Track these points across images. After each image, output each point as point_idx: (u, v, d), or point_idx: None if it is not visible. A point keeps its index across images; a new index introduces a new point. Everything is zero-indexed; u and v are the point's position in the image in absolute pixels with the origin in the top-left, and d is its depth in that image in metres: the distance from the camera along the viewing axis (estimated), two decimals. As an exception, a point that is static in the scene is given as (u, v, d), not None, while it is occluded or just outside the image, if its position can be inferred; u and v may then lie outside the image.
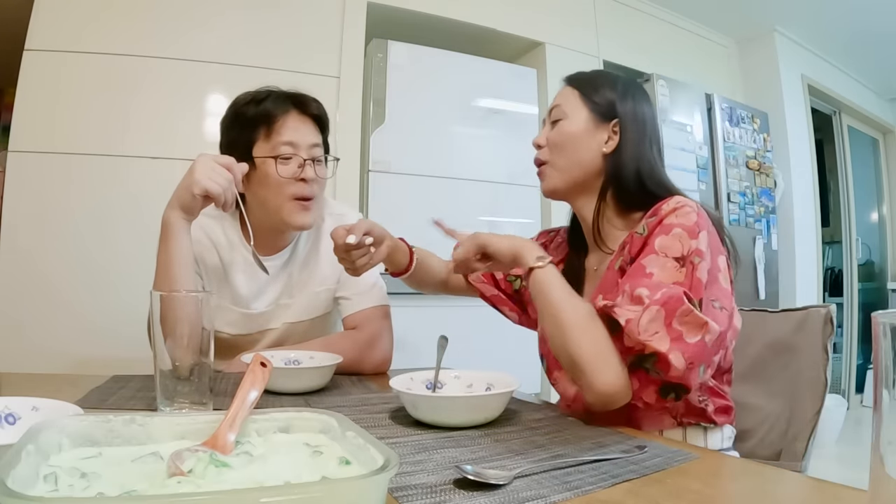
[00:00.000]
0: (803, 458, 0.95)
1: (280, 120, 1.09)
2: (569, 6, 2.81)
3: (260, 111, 1.09)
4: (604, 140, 0.94)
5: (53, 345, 1.72)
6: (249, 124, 1.10)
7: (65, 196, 1.80)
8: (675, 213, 0.82)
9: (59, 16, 1.81)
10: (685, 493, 0.51)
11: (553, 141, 0.97)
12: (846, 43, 3.59)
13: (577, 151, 0.95)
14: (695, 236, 0.79)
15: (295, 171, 1.09)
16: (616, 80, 0.99)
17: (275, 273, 1.17)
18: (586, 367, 0.75)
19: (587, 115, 0.95)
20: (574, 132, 0.95)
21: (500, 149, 2.49)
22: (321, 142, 1.15)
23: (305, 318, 1.20)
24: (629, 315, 0.73)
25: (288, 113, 1.10)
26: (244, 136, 1.10)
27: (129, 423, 0.50)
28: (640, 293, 0.74)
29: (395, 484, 0.50)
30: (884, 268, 4.58)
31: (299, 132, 1.10)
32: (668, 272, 0.77)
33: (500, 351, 2.18)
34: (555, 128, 0.98)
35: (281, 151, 1.08)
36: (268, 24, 2.08)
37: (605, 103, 0.95)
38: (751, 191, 3.15)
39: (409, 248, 1.12)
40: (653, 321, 0.72)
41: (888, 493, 0.30)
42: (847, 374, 4.05)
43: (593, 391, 0.76)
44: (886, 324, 0.29)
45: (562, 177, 0.97)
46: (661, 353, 0.71)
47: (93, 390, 0.86)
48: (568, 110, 0.97)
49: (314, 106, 1.14)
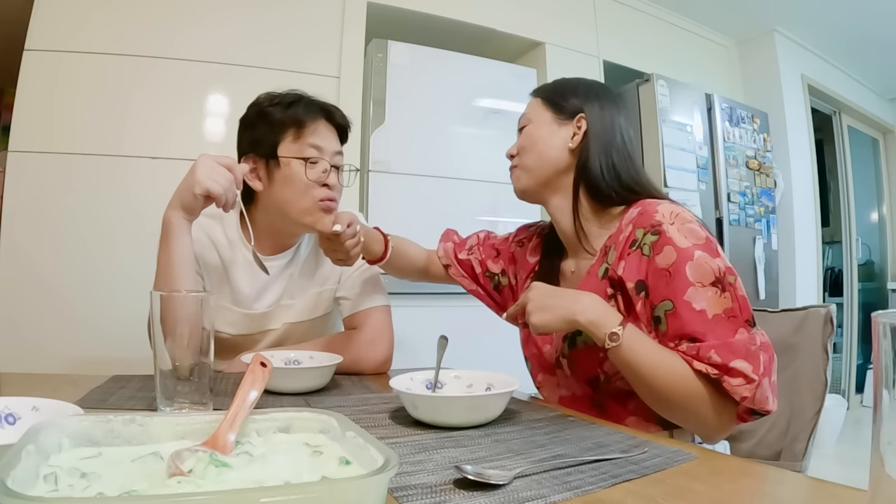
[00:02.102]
0: (803, 458, 0.95)
1: (310, 125, 1.11)
2: (569, 6, 2.81)
3: (290, 114, 1.10)
4: (569, 135, 0.95)
5: (52, 344, 1.72)
6: (279, 124, 1.11)
7: (64, 196, 1.80)
8: (677, 228, 0.81)
9: (58, 16, 1.81)
10: (685, 493, 0.51)
11: (521, 145, 1.00)
12: (846, 43, 3.59)
13: (544, 150, 0.96)
14: (716, 254, 0.80)
15: (321, 175, 1.10)
16: (578, 82, 1.01)
17: (276, 273, 1.17)
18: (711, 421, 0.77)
19: (550, 116, 0.97)
20: (538, 132, 0.97)
21: (501, 149, 2.44)
22: (342, 151, 1.17)
23: (306, 318, 1.20)
24: (745, 392, 0.74)
25: (318, 120, 1.12)
26: (271, 135, 1.11)
27: (129, 423, 0.50)
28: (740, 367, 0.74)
29: (395, 484, 0.50)
30: (884, 268, 4.58)
31: (326, 139, 1.12)
32: (715, 301, 0.77)
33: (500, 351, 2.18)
34: (521, 134, 1.01)
35: (308, 154, 1.09)
36: (268, 24, 2.08)
37: (567, 102, 0.97)
38: (751, 191, 3.15)
39: (383, 236, 1.14)
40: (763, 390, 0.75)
41: (888, 493, 0.30)
42: (847, 374, 4.05)
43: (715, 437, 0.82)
44: (886, 324, 0.29)
45: (530, 176, 0.98)
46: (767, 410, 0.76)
47: (93, 390, 0.86)
48: (532, 116, 1.00)
49: (340, 116, 1.17)
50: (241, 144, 1.15)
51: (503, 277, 1.15)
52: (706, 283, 0.78)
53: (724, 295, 0.78)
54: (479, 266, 1.18)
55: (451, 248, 1.23)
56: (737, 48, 3.58)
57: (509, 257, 1.15)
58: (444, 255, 1.23)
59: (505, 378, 0.81)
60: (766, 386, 0.74)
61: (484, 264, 1.18)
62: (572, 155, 0.95)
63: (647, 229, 0.83)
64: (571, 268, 1.00)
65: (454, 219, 2.37)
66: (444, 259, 1.23)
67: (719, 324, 0.76)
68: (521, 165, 1.00)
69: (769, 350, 0.77)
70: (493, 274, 1.17)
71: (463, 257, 1.21)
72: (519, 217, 2.53)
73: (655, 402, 0.80)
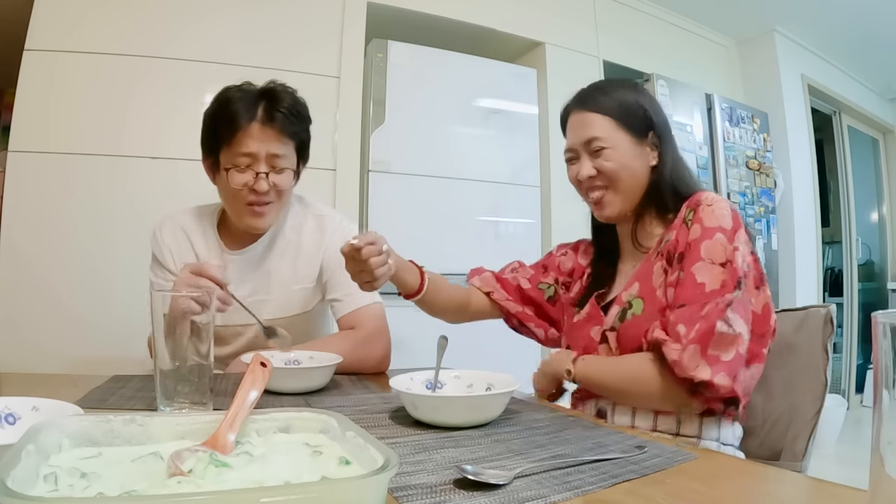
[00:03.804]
0: (803, 458, 0.95)
1: (242, 132, 1.09)
2: (569, 6, 2.81)
3: (226, 116, 1.10)
4: (648, 154, 0.98)
5: (52, 344, 1.72)
6: (215, 129, 1.12)
7: (64, 196, 1.80)
8: (713, 211, 0.89)
9: (58, 16, 1.81)
10: (685, 493, 0.51)
11: (605, 169, 0.98)
12: (846, 43, 3.59)
13: (634, 175, 0.98)
14: (732, 240, 0.86)
15: (248, 180, 1.10)
16: (638, 95, 1.01)
17: (246, 266, 1.20)
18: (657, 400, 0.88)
19: (629, 138, 0.97)
20: (625, 157, 0.97)
21: (500, 149, 2.49)
22: (286, 152, 1.14)
23: (282, 315, 1.20)
24: (674, 356, 0.82)
25: (252, 122, 1.10)
26: (214, 141, 1.13)
27: (129, 423, 0.50)
28: (679, 331, 0.83)
29: (395, 484, 0.50)
30: (884, 268, 4.58)
31: (260, 143, 1.10)
32: (714, 278, 0.85)
33: (500, 351, 2.18)
34: (600, 156, 0.98)
35: (238, 162, 1.10)
36: (268, 24, 2.08)
37: (638, 122, 0.98)
38: (751, 191, 3.15)
39: (418, 269, 1.07)
40: (692, 357, 0.81)
41: (888, 493, 0.30)
42: (847, 374, 4.05)
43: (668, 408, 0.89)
44: (886, 324, 0.29)
45: (625, 201, 0.99)
46: (707, 381, 0.80)
47: (93, 390, 0.86)
48: (609, 140, 0.97)
49: (282, 112, 1.12)
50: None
51: (559, 286, 1.15)
52: (715, 261, 0.85)
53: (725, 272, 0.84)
54: (529, 282, 1.16)
55: (488, 276, 1.19)
56: (737, 48, 3.58)
57: (556, 267, 1.17)
58: (483, 283, 1.18)
59: (505, 378, 0.81)
60: (696, 353, 0.80)
61: (534, 279, 1.16)
62: (651, 172, 0.99)
63: (691, 207, 0.92)
64: (629, 267, 1.03)
65: (454, 219, 2.39)
66: (484, 287, 1.18)
67: (711, 297, 0.83)
68: (612, 189, 0.98)
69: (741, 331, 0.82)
70: (547, 285, 1.15)
71: (507, 277, 1.18)
72: (519, 217, 2.55)
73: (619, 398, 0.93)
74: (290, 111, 1.13)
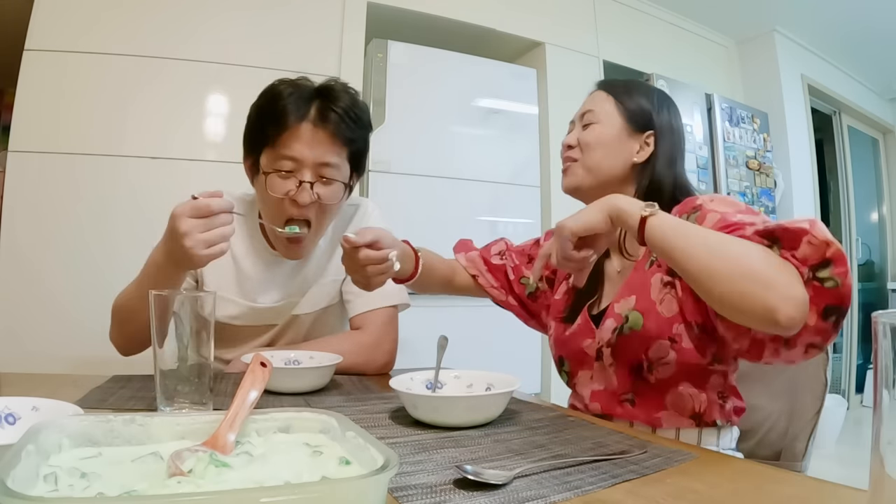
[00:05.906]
0: (803, 458, 0.95)
1: (290, 130, 0.98)
2: (569, 6, 2.81)
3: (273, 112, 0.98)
4: (635, 150, 0.96)
5: (53, 344, 1.72)
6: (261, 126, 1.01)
7: (65, 196, 1.80)
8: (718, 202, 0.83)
9: (59, 16, 1.81)
10: (685, 493, 0.51)
11: (585, 141, 0.97)
12: (846, 43, 3.59)
13: (608, 156, 0.96)
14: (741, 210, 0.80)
15: (290, 189, 0.99)
16: (651, 90, 1.00)
17: (286, 271, 1.17)
18: (776, 280, 0.64)
19: (622, 123, 0.96)
20: (608, 137, 0.96)
21: (501, 149, 2.49)
22: (337, 161, 1.02)
23: (310, 310, 1.19)
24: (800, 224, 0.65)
25: (301, 122, 0.98)
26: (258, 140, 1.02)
27: (129, 423, 0.50)
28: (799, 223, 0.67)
29: (395, 484, 0.50)
30: (884, 268, 4.58)
31: (308, 148, 0.98)
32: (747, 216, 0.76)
33: (500, 351, 2.18)
34: (587, 130, 0.98)
35: (280, 166, 0.99)
36: (268, 24, 2.08)
37: (640, 113, 0.96)
38: (751, 191, 3.15)
39: (414, 253, 1.05)
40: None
41: (888, 493, 0.30)
42: (847, 374, 4.05)
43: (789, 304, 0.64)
44: (886, 324, 0.29)
45: (587, 176, 0.97)
46: (838, 255, 0.63)
47: (93, 390, 0.86)
48: (602, 115, 0.97)
49: (338, 114, 0.99)
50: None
51: (540, 283, 1.12)
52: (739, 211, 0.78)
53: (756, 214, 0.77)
54: (514, 273, 1.14)
55: (476, 257, 1.18)
56: (737, 48, 3.58)
57: None
58: (470, 264, 1.17)
59: (505, 378, 0.81)
60: None
61: (519, 270, 1.14)
62: (632, 169, 0.96)
63: (689, 212, 0.84)
64: (617, 267, 0.99)
65: (454, 218, 2.38)
66: (470, 269, 1.17)
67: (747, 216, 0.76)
68: (581, 162, 0.97)
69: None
70: (528, 280, 1.14)
71: (495, 262, 1.16)
72: (519, 217, 2.55)
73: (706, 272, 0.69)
74: (348, 113, 1.01)
